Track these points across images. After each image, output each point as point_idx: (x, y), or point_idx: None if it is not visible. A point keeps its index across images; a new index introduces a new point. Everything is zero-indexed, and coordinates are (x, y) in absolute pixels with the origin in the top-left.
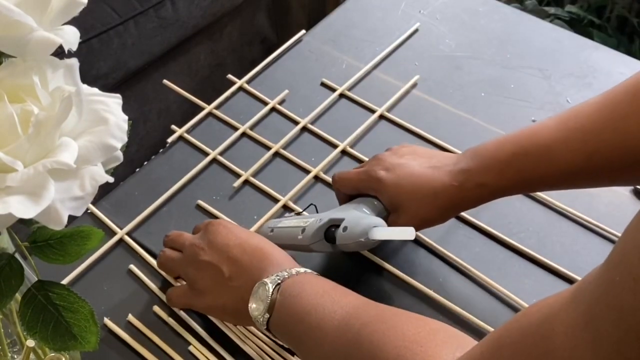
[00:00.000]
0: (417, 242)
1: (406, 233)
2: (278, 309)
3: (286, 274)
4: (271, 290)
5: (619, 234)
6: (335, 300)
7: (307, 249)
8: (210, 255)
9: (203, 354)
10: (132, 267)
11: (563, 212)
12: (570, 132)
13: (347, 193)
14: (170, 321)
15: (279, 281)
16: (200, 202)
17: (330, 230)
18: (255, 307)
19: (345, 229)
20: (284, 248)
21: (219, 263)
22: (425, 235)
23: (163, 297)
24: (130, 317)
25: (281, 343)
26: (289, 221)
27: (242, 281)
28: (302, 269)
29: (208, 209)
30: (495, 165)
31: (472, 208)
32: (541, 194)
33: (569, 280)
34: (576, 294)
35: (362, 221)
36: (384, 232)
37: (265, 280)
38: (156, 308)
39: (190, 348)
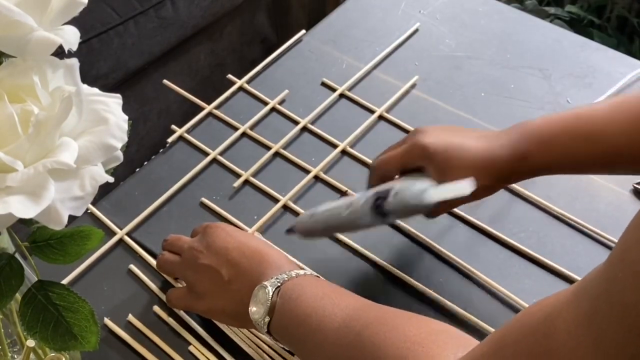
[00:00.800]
0: (417, 242)
1: (463, 187)
2: (278, 312)
3: (286, 276)
4: (271, 293)
5: (617, 238)
6: (335, 303)
7: (354, 226)
8: (209, 258)
9: (203, 354)
10: (132, 267)
11: (561, 217)
12: (620, 114)
13: (392, 174)
14: (171, 321)
15: (279, 284)
16: (204, 199)
17: (378, 201)
18: (255, 311)
19: (396, 194)
20: (326, 233)
21: (218, 266)
22: (426, 236)
23: (163, 297)
24: (131, 317)
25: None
26: (329, 204)
27: (241, 284)
28: (302, 271)
29: (211, 207)
30: (542, 139)
31: (518, 181)
32: (540, 197)
33: (569, 280)
34: (578, 291)
35: (414, 186)
36: (440, 191)
37: (265, 283)
38: (156, 308)
39: (190, 348)
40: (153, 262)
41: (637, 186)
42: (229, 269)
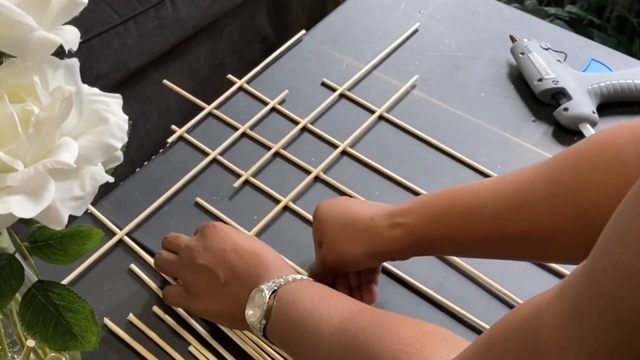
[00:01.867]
0: None
1: None
2: (275, 316)
3: (282, 280)
4: (267, 296)
5: None
6: (332, 306)
7: None
8: (206, 259)
9: (203, 354)
10: (133, 266)
11: None
12: (501, 184)
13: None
14: (170, 321)
15: (275, 287)
16: (199, 199)
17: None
18: (251, 314)
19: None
20: None
21: (214, 267)
22: None
23: (160, 298)
24: (131, 317)
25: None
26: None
27: (238, 287)
28: (299, 276)
29: (207, 208)
30: (421, 208)
31: (391, 256)
32: None
33: None
34: (563, 287)
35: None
36: None
37: (262, 286)
38: (156, 308)
39: (190, 348)
40: (152, 262)
41: None
42: (225, 271)
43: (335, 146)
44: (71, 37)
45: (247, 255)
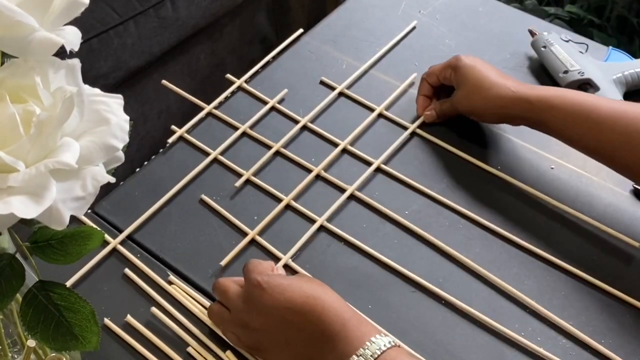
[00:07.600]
0: (420, 238)
1: None
2: None
3: (369, 353)
4: None
5: (619, 235)
6: None
7: None
8: (259, 322)
9: (201, 355)
10: (127, 271)
11: (562, 212)
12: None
13: (435, 84)
14: (170, 323)
15: None
16: (204, 197)
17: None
18: None
19: None
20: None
21: (271, 330)
22: (429, 233)
23: (160, 299)
24: (129, 319)
25: None
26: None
27: (301, 342)
28: (382, 342)
29: (212, 205)
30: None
31: (511, 122)
32: (540, 195)
33: (571, 275)
34: None
35: None
36: None
37: None
38: (154, 309)
39: (189, 349)
40: (150, 267)
41: (637, 187)
42: (285, 332)
43: (335, 144)
44: (72, 38)
45: (300, 309)
